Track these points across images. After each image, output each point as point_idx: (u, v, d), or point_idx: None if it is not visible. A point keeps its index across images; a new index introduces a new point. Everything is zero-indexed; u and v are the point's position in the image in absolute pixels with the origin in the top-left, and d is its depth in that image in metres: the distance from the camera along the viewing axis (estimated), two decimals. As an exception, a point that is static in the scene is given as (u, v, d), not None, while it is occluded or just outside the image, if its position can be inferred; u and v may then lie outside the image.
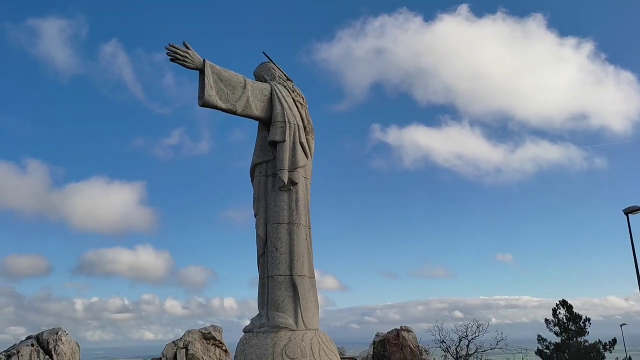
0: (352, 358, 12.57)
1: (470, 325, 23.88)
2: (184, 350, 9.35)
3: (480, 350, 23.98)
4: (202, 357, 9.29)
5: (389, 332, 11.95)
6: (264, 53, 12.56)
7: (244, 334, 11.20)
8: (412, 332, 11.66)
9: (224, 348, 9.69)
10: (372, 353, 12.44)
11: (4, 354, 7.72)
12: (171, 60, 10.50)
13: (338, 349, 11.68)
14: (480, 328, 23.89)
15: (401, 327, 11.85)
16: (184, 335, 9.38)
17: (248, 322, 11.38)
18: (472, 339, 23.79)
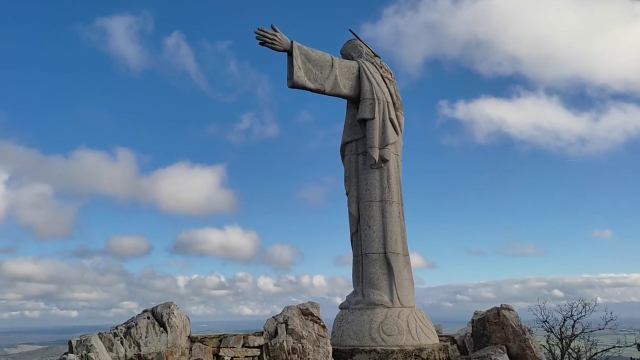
0: (449, 336, 12.35)
1: (575, 305, 22.51)
2: (284, 325, 9.69)
3: (587, 331, 22.57)
4: (301, 332, 9.58)
5: (488, 311, 11.55)
6: (349, 30, 12.46)
7: (339, 310, 11.40)
8: (513, 310, 11.19)
9: (321, 323, 9.93)
10: (470, 331, 12.13)
11: (124, 325, 8.48)
12: (260, 44, 10.71)
13: (435, 326, 11.54)
14: (586, 307, 22.42)
15: (501, 305, 11.40)
16: (283, 311, 9.71)
17: (338, 299, 11.59)
18: (578, 319, 22.42)
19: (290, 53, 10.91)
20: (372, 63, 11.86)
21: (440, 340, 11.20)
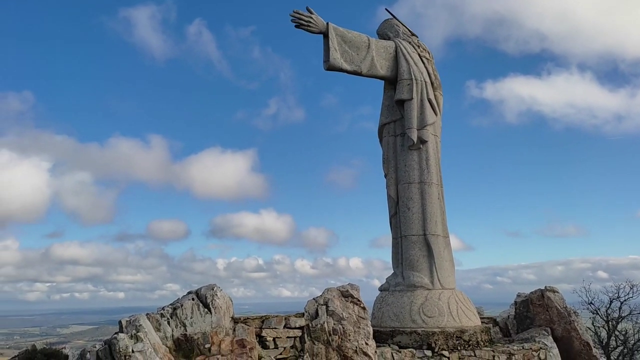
0: (490, 318, 12.22)
1: (622, 286, 21.82)
2: (324, 307, 9.79)
3: (635, 313, 21.87)
4: (342, 314, 9.65)
5: (531, 292, 11.34)
6: (386, 9, 12.27)
7: (379, 292, 11.42)
8: (557, 292, 10.94)
9: (361, 305, 9.99)
10: (513, 313, 11.96)
11: (170, 306, 8.74)
12: (296, 26, 10.67)
13: (476, 308, 11.43)
14: (634, 289, 21.69)
15: (545, 287, 11.15)
16: (323, 293, 9.79)
17: (376, 281, 11.60)
18: (625, 301, 21.75)
19: (326, 35, 10.84)
20: (410, 42, 11.66)
21: (482, 322, 11.10)
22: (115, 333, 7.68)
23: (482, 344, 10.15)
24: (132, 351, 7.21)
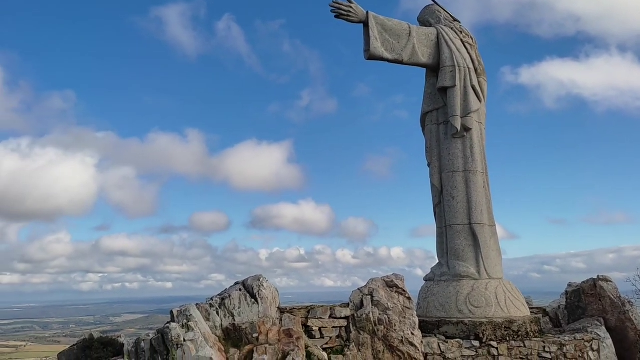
0: (540, 308, 11.94)
1: (679, 274, 20.87)
2: (369, 297, 9.80)
3: (693, 302, 20.90)
4: (387, 304, 9.65)
5: (583, 282, 10.96)
6: (426, -5, 12.03)
7: (424, 282, 11.34)
8: (611, 281, 10.54)
9: (406, 295, 9.95)
10: (564, 303, 11.65)
11: (218, 297, 8.96)
12: (335, 16, 10.62)
13: (525, 298, 11.19)
14: (692, 277, 20.69)
15: (598, 276, 10.77)
16: (368, 283, 9.80)
17: (419, 271, 11.52)
18: (683, 289, 20.82)
19: (366, 24, 10.75)
20: (452, 28, 11.43)
21: (531, 313, 10.87)
22: (167, 322, 7.95)
23: (531, 334, 9.95)
24: (184, 340, 7.44)
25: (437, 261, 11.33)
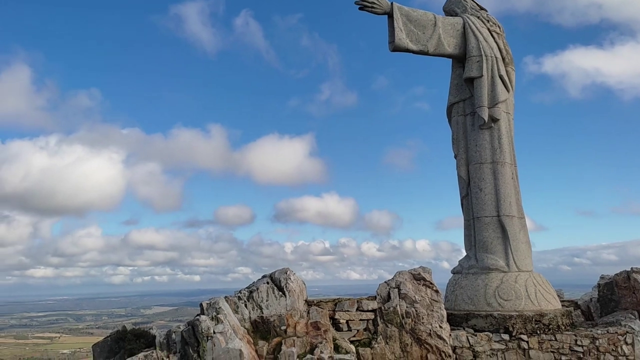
0: (572, 301, 11.72)
1: None
2: (396, 290, 9.78)
3: None
4: (414, 297, 9.61)
5: (616, 274, 10.74)
6: (452, -16, 11.85)
7: (451, 274, 11.25)
8: (645, 274, 10.34)
9: (434, 288, 9.90)
10: (596, 296, 11.42)
11: (246, 290, 9.07)
12: (359, 8, 10.56)
13: (556, 291, 10.99)
14: None
15: (632, 268, 10.50)
16: (395, 276, 9.78)
17: (445, 264, 11.43)
18: None
19: (390, 15, 10.66)
20: (479, 17, 11.24)
21: (562, 306, 10.69)
22: (197, 315, 8.07)
23: (563, 328, 9.79)
24: (214, 332, 7.56)
25: (464, 254, 11.23)
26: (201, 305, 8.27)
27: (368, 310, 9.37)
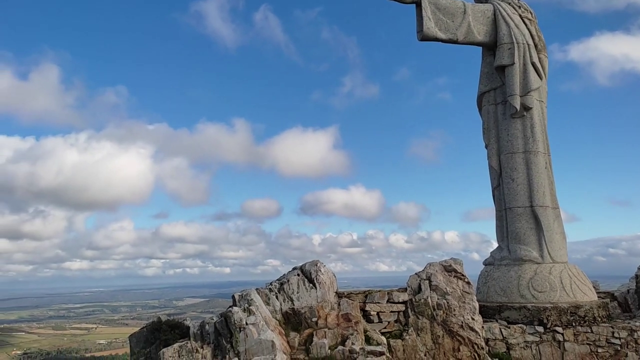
0: (608, 293, 11.44)
1: None
2: (427, 282, 9.72)
3: None
4: (445, 288, 9.54)
5: (655, 265, 10.48)
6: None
7: (483, 266, 11.11)
8: (685, 264, 9.99)
9: (465, 280, 9.81)
10: (633, 287, 11.12)
11: (277, 282, 9.17)
12: (387, -2, 10.44)
13: (591, 282, 10.75)
14: None
15: (671, 259, 10.26)
16: (425, 268, 9.72)
17: (475, 255, 11.29)
18: None
19: (418, 4, 10.51)
20: (509, 3, 10.99)
21: (598, 297, 10.45)
22: (230, 306, 8.19)
23: (599, 320, 9.57)
24: (246, 323, 7.66)
25: (495, 245, 11.07)
26: (233, 297, 8.38)
27: (399, 302, 9.34)
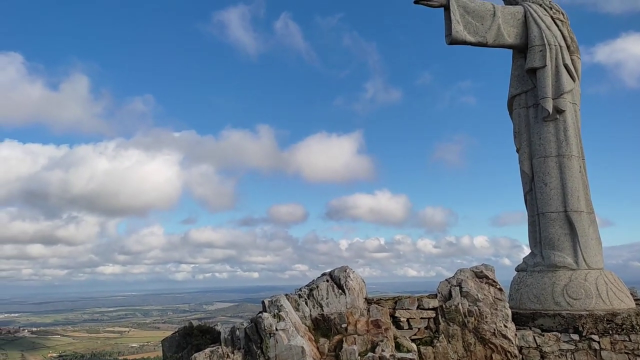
0: (647, 300, 11.11)
1: None
2: (458, 288, 9.60)
3: None
4: (477, 295, 9.40)
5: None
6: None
7: (516, 272, 10.91)
8: None
9: (497, 286, 9.65)
10: (673, 295, 10.78)
11: (306, 288, 9.20)
12: (415, 2, 10.40)
13: (629, 289, 10.44)
14: None
15: None
16: (456, 274, 9.61)
17: (506, 260, 11.12)
18: None
19: (446, 7, 10.43)
20: (540, 5, 10.80)
21: (636, 304, 10.13)
22: (260, 312, 8.24)
23: (637, 327, 9.27)
24: (276, 329, 7.70)
25: (526, 250, 10.85)
26: (263, 302, 8.43)
27: (429, 309, 9.23)
